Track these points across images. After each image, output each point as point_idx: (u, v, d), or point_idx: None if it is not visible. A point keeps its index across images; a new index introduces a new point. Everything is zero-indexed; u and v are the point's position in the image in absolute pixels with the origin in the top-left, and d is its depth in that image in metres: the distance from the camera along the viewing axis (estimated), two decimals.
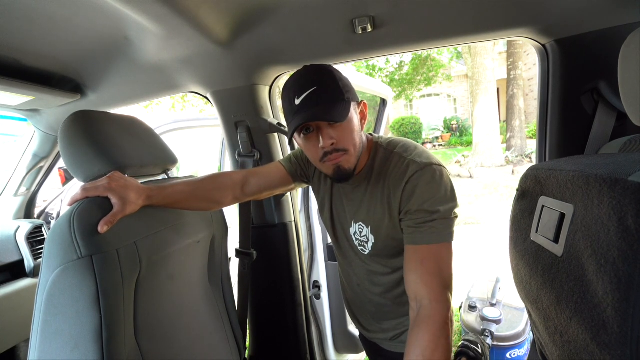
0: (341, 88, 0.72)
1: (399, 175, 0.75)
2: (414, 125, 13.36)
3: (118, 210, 0.63)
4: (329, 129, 0.71)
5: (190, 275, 0.90)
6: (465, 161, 9.38)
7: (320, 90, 0.70)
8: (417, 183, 0.72)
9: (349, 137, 0.73)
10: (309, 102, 0.69)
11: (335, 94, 0.71)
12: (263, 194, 0.96)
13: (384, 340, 0.94)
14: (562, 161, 0.50)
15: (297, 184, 0.99)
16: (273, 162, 1.00)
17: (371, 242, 0.84)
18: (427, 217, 0.71)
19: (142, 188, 0.70)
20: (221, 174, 0.91)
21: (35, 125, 1.48)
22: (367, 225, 0.83)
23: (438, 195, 0.71)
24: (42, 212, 2.19)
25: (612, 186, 0.34)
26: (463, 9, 0.83)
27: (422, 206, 0.71)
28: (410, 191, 0.73)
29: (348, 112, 0.71)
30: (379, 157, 0.81)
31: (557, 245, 0.44)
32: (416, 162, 0.74)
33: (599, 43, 0.83)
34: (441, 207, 0.71)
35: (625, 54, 0.54)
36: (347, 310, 1.05)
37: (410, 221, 0.73)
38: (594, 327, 0.36)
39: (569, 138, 0.90)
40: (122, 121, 0.85)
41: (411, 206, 0.73)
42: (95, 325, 0.59)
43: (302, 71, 0.75)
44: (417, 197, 0.72)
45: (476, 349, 0.83)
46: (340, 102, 0.71)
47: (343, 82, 0.74)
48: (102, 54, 0.97)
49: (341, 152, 0.73)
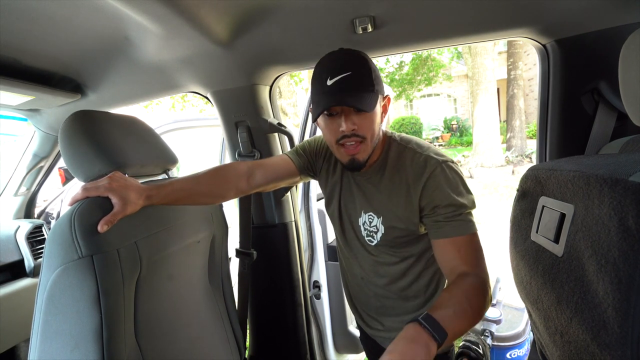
0: (373, 79, 0.74)
1: (417, 170, 0.78)
2: (414, 125, 13.37)
3: (118, 210, 0.63)
4: (353, 116, 0.74)
5: (191, 275, 0.90)
6: (465, 161, 9.38)
7: (353, 76, 0.71)
8: (441, 179, 0.75)
9: (370, 127, 0.76)
10: (341, 86, 0.71)
11: (367, 83, 0.73)
12: (269, 186, 0.95)
13: (387, 339, 0.94)
14: (563, 161, 0.50)
15: (303, 177, 0.99)
16: (279, 155, 1.00)
17: (380, 232, 0.85)
18: (456, 211, 0.74)
19: (143, 188, 0.70)
20: (225, 166, 0.89)
21: (36, 125, 1.48)
22: (379, 215, 0.85)
23: (461, 189, 0.76)
24: (42, 212, 2.19)
25: (613, 186, 0.34)
26: (463, 9, 0.83)
27: (450, 201, 0.74)
28: (433, 187, 0.76)
29: (375, 103, 0.74)
30: (392, 151, 0.84)
31: (558, 245, 0.43)
32: (434, 158, 0.78)
33: (599, 43, 0.83)
34: (466, 201, 0.75)
35: (626, 54, 0.54)
36: (350, 307, 1.05)
37: (438, 216, 0.76)
38: (594, 328, 0.36)
39: (569, 138, 0.90)
40: (122, 121, 0.85)
41: (439, 202, 0.75)
42: (96, 325, 0.59)
43: (338, 54, 0.76)
44: (443, 193, 0.75)
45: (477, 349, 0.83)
46: (370, 92, 0.73)
47: (375, 73, 0.76)
48: (103, 53, 0.97)
49: (359, 139, 0.75)
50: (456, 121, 14.14)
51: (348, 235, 0.94)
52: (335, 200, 0.94)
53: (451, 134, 13.91)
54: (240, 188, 0.89)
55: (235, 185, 0.87)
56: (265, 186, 0.94)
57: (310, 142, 1.00)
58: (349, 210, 0.92)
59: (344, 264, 1.01)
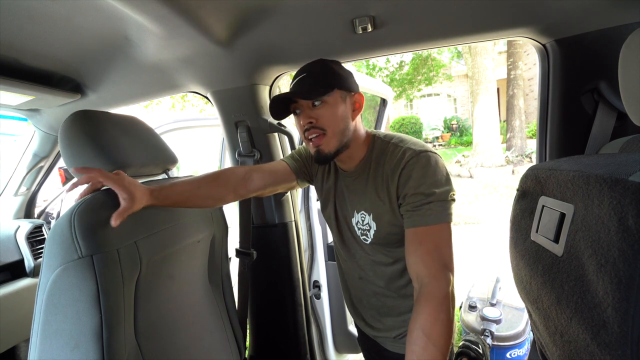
0: (329, 76, 0.78)
1: (395, 162, 0.79)
2: (414, 125, 13.37)
3: (128, 206, 0.64)
4: (309, 110, 0.79)
5: (191, 275, 0.90)
6: (465, 161, 9.38)
7: (307, 76, 0.78)
8: (413, 168, 0.76)
9: (328, 120, 0.79)
10: (296, 86, 0.79)
11: (320, 79, 0.78)
12: (266, 190, 0.96)
13: (387, 339, 0.94)
14: (563, 161, 0.50)
15: (300, 181, 1.00)
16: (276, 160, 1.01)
17: (373, 229, 0.85)
18: (424, 200, 0.74)
19: (145, 188, 0.70)
20: (223, 170, 0.91)
21: (36, 125, 1.48)
22: (369, 213, 0.85)
23: (434, 178, 0.75)
24: (42, 212, 2.19)
25: (613, 186, 0.34)
26: (463, 9, 0.83)
27: (419, 189, 0.74)
28: (407, 176, 0.76)
29: (324, 94, 0.77)
30: (376, 148, 0.85)
31: (557, 245, 0.44)
32: (411, 149, 0.78)
33: (599, 43, 0.83)
34: (437, 190, 0.74)
35: (626, 54, 0.54)
36: (349, 308, 1.05)
37: (408, 205, 0.76)
38: (594, 327, 0.36)
39: (569, 138, 0.90)
40: (122, 121, 0.85)
41: (408, 190, 0.76)
42: (96, 325, 0.59)
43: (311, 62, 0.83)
44: (414, 181, 0.75)
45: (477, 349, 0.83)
46: (321, 86, 0.77)
47: (334, 71, 0.80)
48: (103, 53, 0.97)
49: (320, 131, 0.79)
50: (456, 121, 14.14)
51: (345, 236, 0.95)
52: (330, 204, 0.96)
53: (451, 133, 13.91)
54: (239, 192, 0.90)
55: (234, 189, 0.89)
56: (263, 190, 0.95)
57: (306, 147, 1.01)
58: (343, 212, 0.93)
59: (343, 267, 1.02)
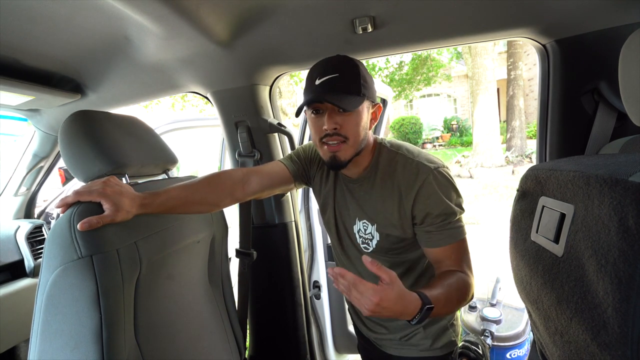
0: (361, 84, 0.76)
1: (410, 177, 0.79)
2: (414, 125, 13.35)
3: (108, 215, 0.62)
4: (336, 115, 0.76)
5: (190, 275, 0.90)
6: (465, 161, 9.37)
7: (340, 78, 0.74)
8: (433, 188, 0.77)
9: (353, 128, 0.77)
10: (327, 86, 0.74)
11: (353, 86, 0.75)
12: (264, 192, 0.95)
13: (392, 342, 0.92)
14: (563, 161, 0.50)
15: (298, 184, 0.99)
16: (274, 161, 1.00)
17: (376, 239, 0.85)
18: (446, 219, 0.76)
19: (137, 196, 0.67)
20: (220, 173, 0.88)
21: (36, 125, 1.48)
22: (372, 223, 0.85)
23: (453, 197, 0.78)
24: (42, 212, 2.18)
25: (613, 186, 0.34)
26: (463, 9, 0.83)
27: (441, 210, 0.76)
28: (426, 196, 0.77)
29: (358, 105, 0.75)
30: (383, 157, 0.84)
31: (558, 245, 0.43)
32: (426, 166, 0.79)
33: (599, 43, 0.83)
34: (457, 207, 0.77)
35: (626, 54, 0.54)
36: (351, 314, 1.04)
37: (430, 226, 0.78)
38: (594, 328, 0.36)
39: (569, 138, 0.90)
40: (122, 121, 0.85)
41: (430, 211, 0.77)
42: (95, 325, 0.59)
43: (333, 57, 0.79)
44: (435, 203, 0.76)
45: (477, 349, 0.83)
46: (355, 95, 0.75)
47: (365, 79, 0.77)
48: (102, 53, 0.97)
49: (341, 138, 0.77)
50: (456, 121, 14.13)
51: (344, 242, 0.94)
52: (330, 208, 0.94)
53: (451, 134, 13.90)
54: (236, 196, 0.88)
55: (231, 192, 0.86)
56: (261, 193, 0.93)
57: (304, 149, 1.00)
58: (343, 218, 0.92)
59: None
